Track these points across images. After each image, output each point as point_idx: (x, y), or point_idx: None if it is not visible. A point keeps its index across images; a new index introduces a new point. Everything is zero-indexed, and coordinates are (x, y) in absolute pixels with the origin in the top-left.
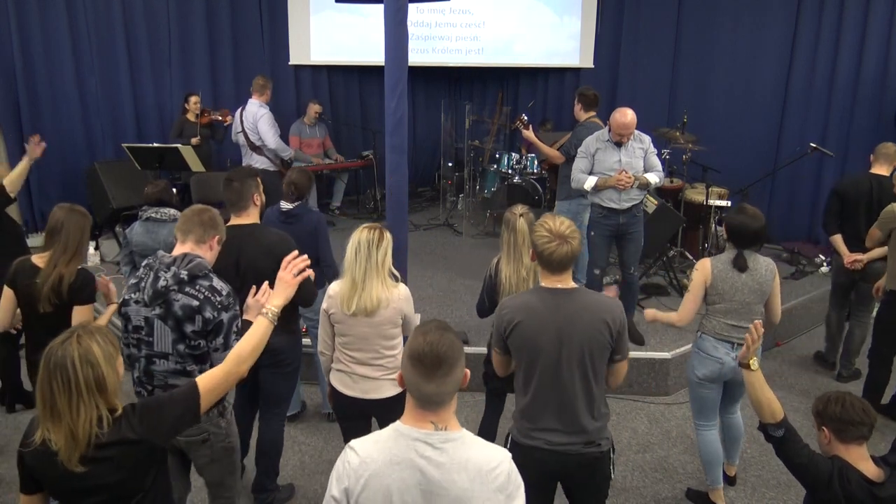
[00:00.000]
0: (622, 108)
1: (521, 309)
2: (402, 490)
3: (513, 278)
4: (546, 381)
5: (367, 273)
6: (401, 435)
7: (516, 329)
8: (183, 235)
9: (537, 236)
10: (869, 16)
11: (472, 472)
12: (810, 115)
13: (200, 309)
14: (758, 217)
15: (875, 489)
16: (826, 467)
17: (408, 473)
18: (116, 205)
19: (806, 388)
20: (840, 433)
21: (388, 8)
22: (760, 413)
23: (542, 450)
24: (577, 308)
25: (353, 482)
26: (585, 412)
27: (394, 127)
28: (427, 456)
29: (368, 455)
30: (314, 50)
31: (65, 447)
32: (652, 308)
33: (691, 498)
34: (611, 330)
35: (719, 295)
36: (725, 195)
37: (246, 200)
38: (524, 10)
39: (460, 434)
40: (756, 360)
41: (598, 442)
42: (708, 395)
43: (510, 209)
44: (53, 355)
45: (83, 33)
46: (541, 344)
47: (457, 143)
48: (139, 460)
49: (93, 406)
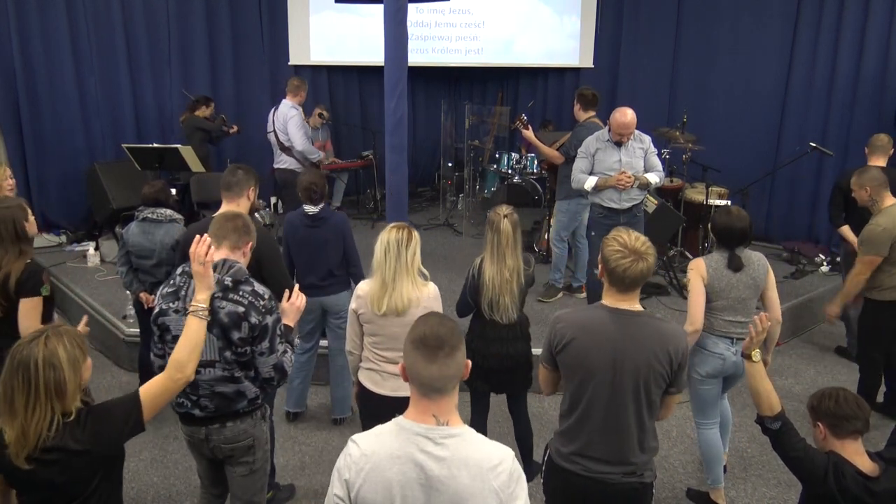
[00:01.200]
0: (622, 108)
1: (577, 325)
2: (403, 484)
3: (496, 279)
4: (595, 407)
5: (396, 273)
6: (402, 429)
7: (569, 346)
8: (217, 241)
9: (609, 251)
10: (869, 16)
11: (473, 470)
12: (810, 115)
13: (246, 315)
14: (742, 217)
15: (870, 483)
16: (821, 462)
17: (408, 468)
18: (116, 205)
19: (805, 388)
20: (835, 428)
21: (388, 8)
22: (758, 405)
23: (580, 476)
24: (639, 333)
25: (354, 475)
26: (634, 445)
27: (394, 127)
28: (428, 451)
29: (370, 448)
30: (314, 50)
31: (14, 444)
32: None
33: (692, 498)
34: (672, 361)
35: (716, 293)
36: (725, 195)
37: (242, 189)
38: (524, 10)
39: (462, 430)
40: (758, 352)
41: (640, 472)
42: (709, 392)
43: (494, 209)
44: (19, 353)
45: (83, 33)
46: (594, 366)
47: (457, 143)
48: (81, 468)
49: (48, 409)
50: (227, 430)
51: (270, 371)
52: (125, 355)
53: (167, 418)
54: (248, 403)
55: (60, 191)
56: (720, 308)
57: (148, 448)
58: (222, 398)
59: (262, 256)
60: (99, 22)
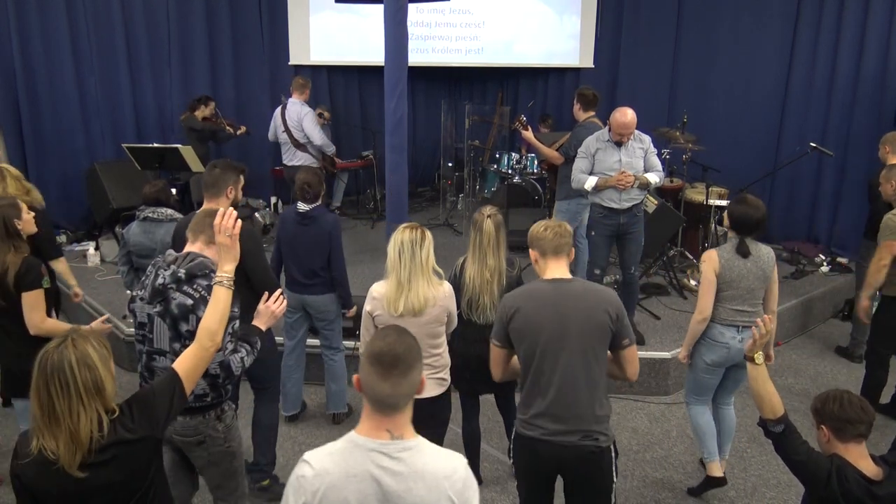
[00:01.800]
0: (622, 108)
1: (522, 296)
2: (361, 501)
3: (476, 279)
4: (547, 365)
5: (412, 273)
6: (357, 446)
7: (517, 314)
8: (193, 235)
9: (532, 229)
10: (868, 16)
11: (429, 480)
12: (810, 115)
13: (195, 308)
14: (759, 206)
15: (873, 488)
16: (824, 465)
17: (365, 485)
18: (116, 205)
19: (805, 387)
20: (838, 431)
21: (388, 8)
22: (761, 408)
23: (541, 441)
24: (576, 293)
25: (311, 496)
26: (585, 400)
27: (394, 127)
28: (384, 466)
29: (323, 468)
30: (314, 50)
31: (65, 453)
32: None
33: (693, 494)
34: (609, 314)
35: (727, 283)
36: (725, 195)
37: (220, 188)
38: (524, 10)
39: (416, 442)
40: (761, 354)
41: (595, 436)
42: (710, 380)
43: (480, 209)
44: (49, 359)
45: (83, 33)
46: (542, 328)
47: (457, 143)
48: (139, 458)
49: (92, 409)
50: (178, 423)
51: (216, 367)
52: (125, 355)
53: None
54: (194, 399)
55: (60, 191)
56: (729, 298)
57: None
58: None
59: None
60: (99, 22)
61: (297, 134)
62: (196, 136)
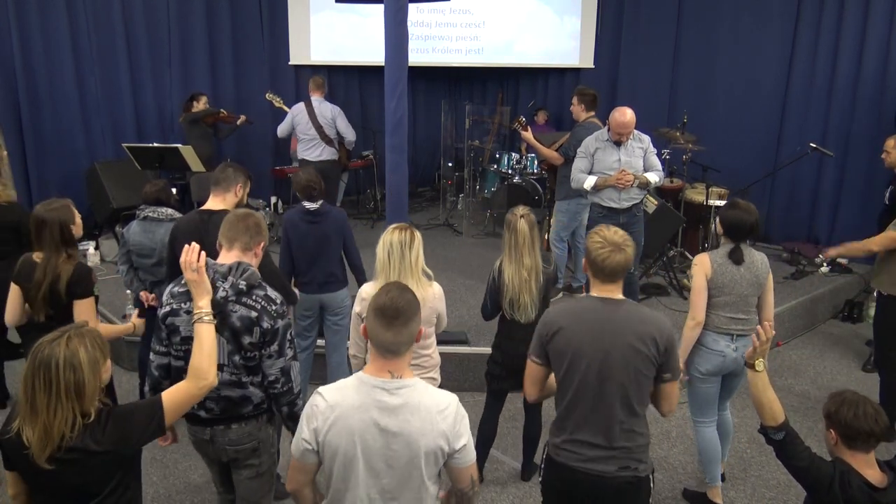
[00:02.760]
0: (621, 108)
1: (565, 314)
2: (363, 429)
3: (515, 279)
4: (584, 391)
5: (401, 274)
6: (362, 382)
7: (559, 334)
8: (229, 242)
9: (591, 243)
10: (869, 16)
11: (423, 414)
12: (810, 115)
13: (259, 320)
14: (751, 210)
15: (877, 495)
16: (827, 471)
17: (368, 415)
18: (116, 205)
19: (805, 388)
20: (847, 439)
21: (388, 8)
22: (762, 415)
23: (576, 469)
24: (624, 318)
25: (321, 422)
26: (622, 428)
27: (394, 127)
28: (384, 400)
29: (334, 400)
30: (314, 50)
31: (37, 444)
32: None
33: (688, 498)
34: (657, 345)
35: (718, 289)
36: (725, 195)
37: (230, 185)
38: (524, 9)
39: (413, 381)
40: (762, 361)
41: (633, 466)
42: (709, 390)
43: (511, 210)
44: (40, 353)
45: (83, 33)
46: (583, 351)
47: (457, 143)
48: (98, 469)
49: (69, 409)
50: (232, 432)
51: (277, 373)
52: (125, 355)
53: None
54: (253, 408)
55: (60, 190)
56: (721, 304)
57: (148, 448)
58: (228, 402)
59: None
60: (99, 22)
61: (329, 131)
62: (199, 132)
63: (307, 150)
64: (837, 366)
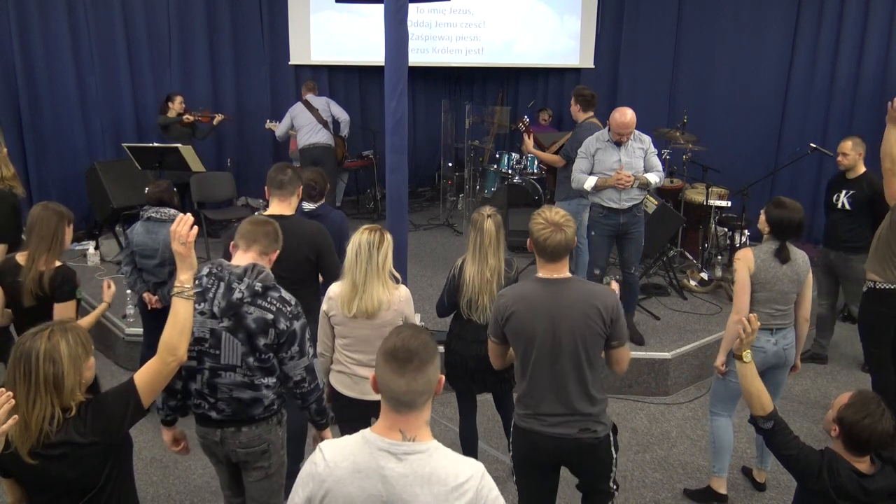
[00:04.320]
0: (622, 108)
1: (516, 298)
2: (363, 499)
3: (476, 279)
4: (541, 368)
5: (367, 275)
6: (367, 442)
7: (512, 317)
8: (247, 245)
9: (533, 224)
10: (869, 16)
11: (435, 487)
12: (810, 115)
13: (275, 321)
14: (798, 209)
15: (864, 482)
16: (815, 459)
17: (369, 483)
18: (116, 205)
19: (805, 388)
20: (850, 447)
21: (388, 8)
22: (751, 405)
23: (539, 433)
24: (570, 296)
25: (316, 488)
26: (579, 397)
27: (394, 127)
28: (390, 467)
29: (334, 460)
30: (314, 50)
31: (18, 437)
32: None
33: (690, 496)
34: (603, 317)
35: (761, 284)
36: (725, 195)
37: (294, 187)
38: (524, 10)
39: (428, 446)
40: (749, 352)
41: (593, 428)
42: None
43: (479, 209)
44: (22, 346)
45: (83, 33)
46: (535, 331)
47: (457, 143)
48: (90, 461)
49: (47, 402)
50: (243, 434)
51: (303, 373)
52: (125, 354)
53: None
54: (263, 410)
55: (60, 190)
56: (762, 300)
57: (148, 448)
58: (239, 403)
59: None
60: (99, 22)
61: (325, 114)
62: (176, 134)
63: (306, 136)
64: (837, 366)
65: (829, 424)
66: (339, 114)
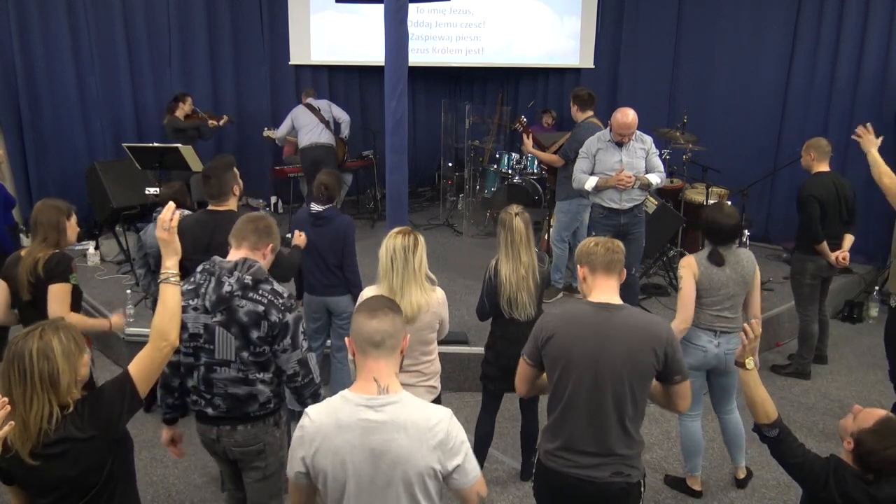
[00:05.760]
0: (623, 108)
1: (561, 319)
2: (350, 451)
3: (512, 277)
4: (577, 400)
5: (405, 280)
6: (347, 401)
7: (552, 339)
8: (237, 241)
9: (582, 245)
10: (869, 16)
11: (411, 431)
12: (810, 115)
13: (266, 314)
14: (732, 215)
15: (871, 489)
16: (821, 467)
17: (352, 435)
18: (116, 205)
19: (805, 389)
20: (862, 467)
21: (388, 8)
22: (755, 413)
23: (566, 476)
24: (621, 326)
25: (308, 448)
26: (617, 437)
27: (394, 127)
28: (369, 418)
29: (319, 420)
30: (314, 50)
31: (17, 438)
32: None
33: (669, 483)
34: (655, 353)
35: (706, 290)
36: (725, 195)
37: (226, 194)
38: (524, 10)
39: (399, 396)
40: (752, 359)
41: (626, 472)
42: (694, 384)
43: (506, 209)
44: (14, 346)
45: (83, 33)
46: (575, 359)
47: (457, 143)
48: (91, 456)
49: (45, 400)
50: (238, 433)
51: (295, 366)
52: (125, 354)
53: None
54: (259, 407)
55: (60, 190)
56: (709, 304)
57: (148, 447)
58: (234, 399)
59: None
60: (99, 22)
61: (326, 114)
62: (183, 138)
63: (307, 136)
64: (837, 366)
65: (843, 432)
66: (340, 115)
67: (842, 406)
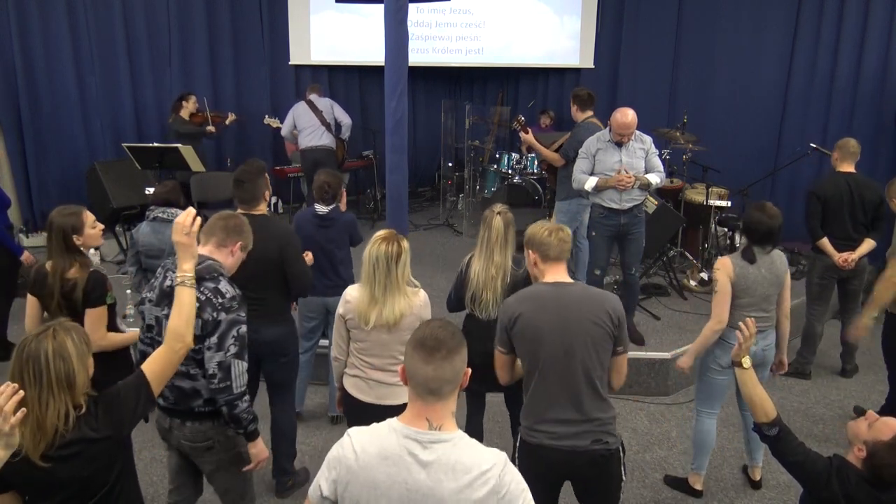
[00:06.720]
0: (623, 108)
1: (523, 300)
2: (388, 486)
3: (481, 275)
4: (551, 371)
5: (387, 289)
6: (393, 430)
7: (519, 320)
8: (205, 238)
9: (532, 232)
10: (869, 16)
11: (459, 475)
12: (810, 115)
13: (200, 311)
14: (776, 216)
15: (876, 490)
16: (823, 466)
17: (395, 470)
18: (116, 205)
19: (804, 389)
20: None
21: (388, 8)
22: (754, 412)
23: (549, 448)
24: (578, 298)
25: (343, 472)
26: (591, 400)
27: (394, 127)
28: (415, 454)
29: (361, 446)
30: (314, 50)
31: (30, 440)
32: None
33: (669, 484)
34: (611, 319)
35: (742, 290)
36: (725, 195)
37: (258, 199)
38: (524, 10)
39: (453, 436)
40: (748, 358)
41: (605, 439)
42: (723, 382)
43: (490, 207)
44: (27, 347)
45: (83, 33)
46: (544, 331)
47: (457, 143)
48: (102, 457)
49: (61, 401)
50: (187, 429)
51: (214, 367)
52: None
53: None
54: (203, 403)
55: (60, 190)
56: (745, 305)
57: (148, 448)
58: (180, 392)
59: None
60: (99, 22)
61: (328, 116)
62: (188, 138)
63: (308, 138)
64: (837, 367)
65: (855, 438)
66: (342, 117)
67: (842, 407)
